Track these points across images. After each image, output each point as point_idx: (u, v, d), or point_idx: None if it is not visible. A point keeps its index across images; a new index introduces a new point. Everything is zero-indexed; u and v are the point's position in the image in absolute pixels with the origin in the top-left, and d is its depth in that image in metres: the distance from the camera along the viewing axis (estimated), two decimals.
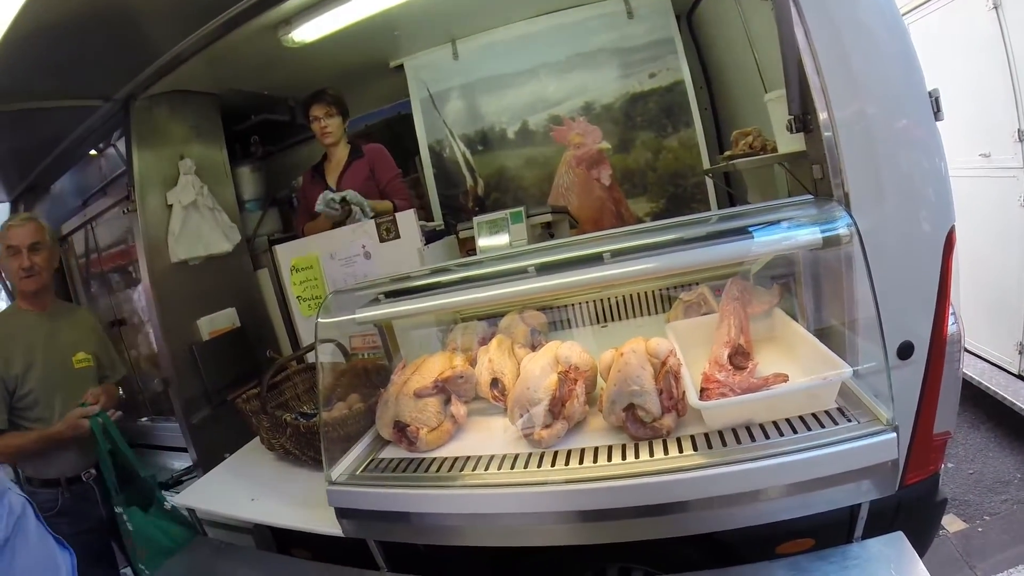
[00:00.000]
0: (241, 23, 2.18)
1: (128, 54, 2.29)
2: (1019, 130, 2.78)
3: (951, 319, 1.44)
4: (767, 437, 1.26)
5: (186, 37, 2.23)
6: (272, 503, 1.76)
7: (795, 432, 1.25)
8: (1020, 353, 2.98)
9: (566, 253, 1.53)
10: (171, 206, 2.68)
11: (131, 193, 2.61)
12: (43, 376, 2.18)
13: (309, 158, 3.05)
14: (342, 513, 1.50)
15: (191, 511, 1.96)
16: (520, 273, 1.51)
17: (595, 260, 1.44)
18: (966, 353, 3.21)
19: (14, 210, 3.55)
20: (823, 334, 1.49)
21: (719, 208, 2.82)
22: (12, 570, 0.88)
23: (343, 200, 2.39)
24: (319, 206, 2.43)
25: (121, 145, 2.80)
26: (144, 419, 3.41)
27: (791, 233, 1.39)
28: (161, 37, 2.25)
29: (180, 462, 2.93)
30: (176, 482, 2.65)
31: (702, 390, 1.34)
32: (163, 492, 2.63)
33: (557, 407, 1.41)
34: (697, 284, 1.87)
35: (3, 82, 2.09)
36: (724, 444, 1.28)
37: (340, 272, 2.33)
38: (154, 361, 3.16)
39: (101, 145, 3.10)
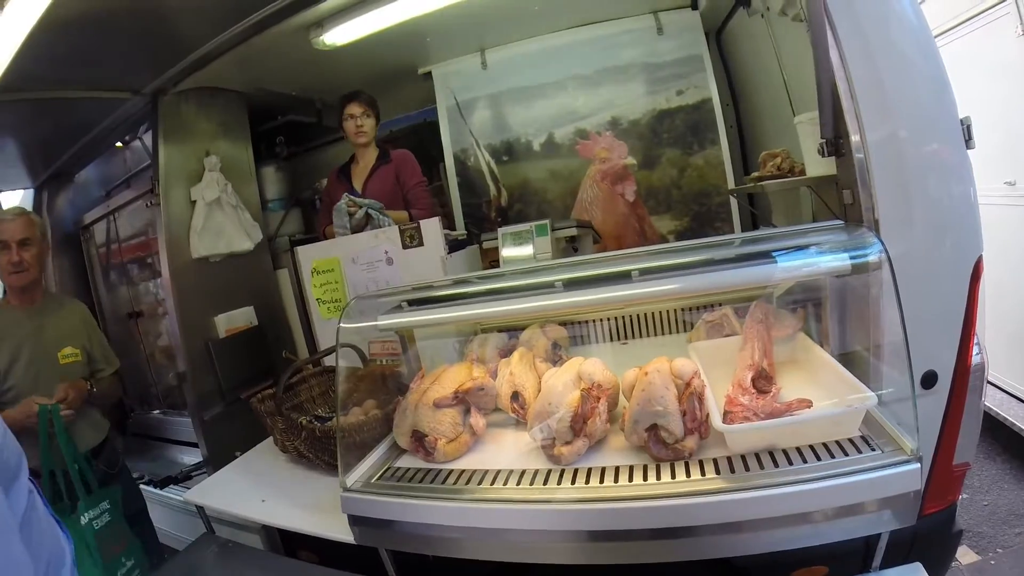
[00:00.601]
0: (274, 23, 2.21)
1: (159, 49, 2.31)
2: None
3: (975, 349, 1.42)
4: (790, 463, 1.24)
5: (218, 35, 2.26)
6: (283, 505, 1.76)
7: (818, 459, 1.23)
8: None
9: (591, 269, 1.53)
10: (194, 202, 2.71)
11: (155, 187, 2.63)
12: (27, 372, 2.15)
13: (334, 161, 3.08)
14: (355, 520, 1.49)
15: (200, 508, 1.96)
16: (545, 287, 1.50)
17: (622, 278, 1.43)
18: None
19: (38, 196, 3.60)
20: (847, 360, 1.47)
21: (742, 228, 2.82)
22: (31, 543, 0.88)
23: (365, 215, 2.39)
24: (335, 216, 2.45)
25: (147, 139, 2.85)
26: (156, 412, 3.45)
27: (822, 258, 1.37)
28: (193, 33, 2.27)
29: (190, 457, 2.96)
30: (185, 477, 2.67)
31: (725, 413, 1.33)
32: (172, 486, 2.66)
33: (579, 424, 1.40)
34: (720, 305, 1.86)
35: (34, 69, 2.10)
36: (747, 469, 1.26)
37: (361, 277, 2.33)
38: (169, 354, 3.19)
39: (127, 137, 3.16)
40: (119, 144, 3.25)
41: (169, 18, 2.09)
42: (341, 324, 1.67)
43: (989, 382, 3.20)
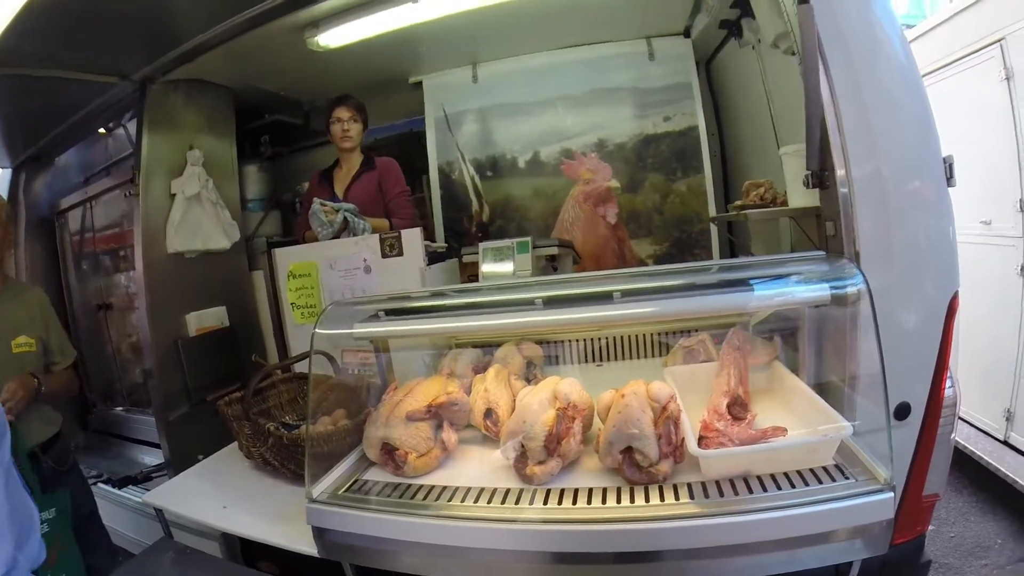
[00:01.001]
0: (269, 20, 2.19)
1: (151, 35, 2.28)
2: (1021, 200, 2.83)
3: (948, 383, 1.44)
4: (764, 490, 1.24)
5: (213, 26, 2.22)
6: (245, 513, 1.70)
7: (792, 486, 1.24)
8: (1007, 420, 2.99)
9: (570, 289, 1.52)
10: (174, 195, 2.65)
11: (135, 177, 2.56)
12: None
13: (317, 164, 3.04)
14: (320, 533, 1.45)
15: (159, 511, 1.89)
16: (523, 304, 1.49)
17: (600, 299, 1.43)
18: None
19: (15, 177, 3.50)
20: (821, 389, 1.48)
21: (721, 256, 2.85)
22: (12, 505, 0.88)
23: (343, 219, 2.37)
24: (312, 221, 2.41)
25: (132, 127, 2.77)
26: (119, 409, 3.35)
27: (803, 287, 1.39)
28: (187, 22, 2.23)
29: (151, 458, 2.87)
30: (145, 478, 2.58)
31: (700, 438, 1.32)
32: (131, 486, 2.58)
33: (553, 444, 1.38)
34: (697, 331, 1.86)
35: (22, 45, 2.05)
36: (721, 494, 1.26)
37: (338, 283, 2.30)
38: (137, 350, 3.11)
39: (111, 124, 3.09)
40: (102, 130, 3.18)
41: (165, 4, 2.07)
42: (316, 330, 1.64)
43: (959, 416, 3.28)
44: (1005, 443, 3.02)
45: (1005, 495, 2.93)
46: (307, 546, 1.47)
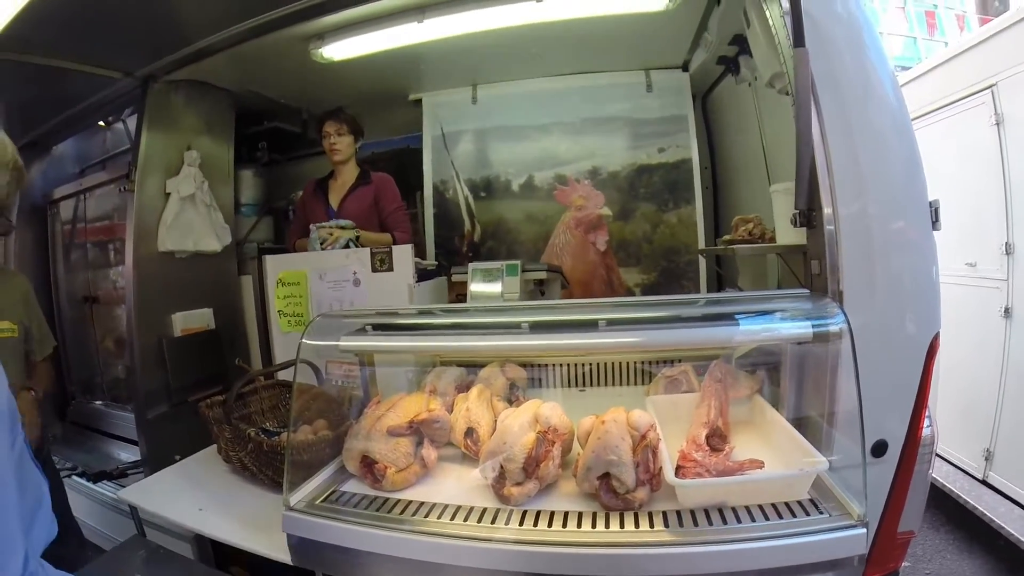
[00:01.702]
0: (275, 29, 2.21)
1: (158, 34, 2.28)
2: (1007, 243, 2.89)
3: (927, 422, 1.46)
4: (738, 521, 1.26)
5: (219, 31, 2.24)
6: (220, 517, 1.69)
7: (766, 519, 1.25)
8: (986, 459, 3.03)
9: (557, 315, 1.54)
10: (169, 194, 2.64)
11: (131, 172, 2.55)
12: None
13: (312, 173, 3.05)
14: (295, 541, 1.44)
15: (133, 508, 1.88)
16: (510, 327, 1.50)
17: (586, 326, 1.44)
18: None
19: None
20: (800, 424, 1.50)
21: (708, 288, 2.88)
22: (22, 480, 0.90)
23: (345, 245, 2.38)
24: (313, 235, 2.42)
25: (131, 123, 2.78)
26: (99, 402, 3.32)
27: (786, 324, 1.42)
28: (195, 25, 2.25)
29: (128, 454, 2.86)
30: (121, 474, 2.56)
31: (678, 467, 1.33)
32: (106, 481, 2.55)
33: (531, 466, 1.39)
34: (680, 361, 1.88)
35: (30, 34, 2.06)
36: (695, 524, 1.27)
37: (327, 294, 2.31)
38: (120, 345, 3.09)
39: (111, 118, 3.11)
40: (102, 123, 3.20)
41: (174, 5, 2.08)
42: (303, 340, 1.64)
43: (937, 454, 3.31)
44: (983, 482, 3.05)
45: (982, 533, 2.95)
46: (281, 552, 1.47)
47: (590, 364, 2.13)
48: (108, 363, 3.27)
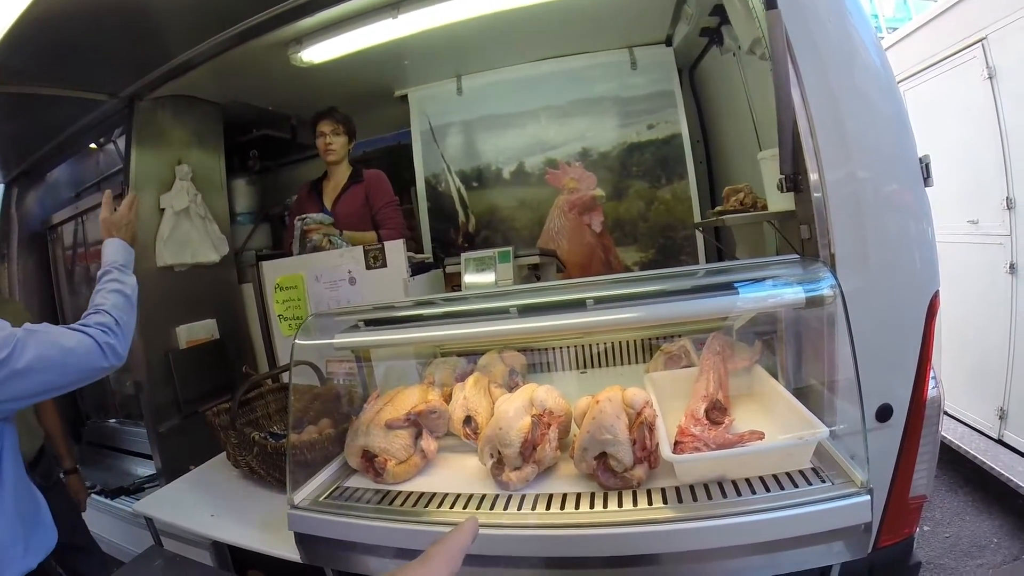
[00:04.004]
0: (253, 37, 2.22)
1: (139, 53, 2.30)
2: (1007, 198, 2.85)
3: (931, 383, 1.43)
4: (739, 494, 1.25)
5: (198, 44, 2.25)
6: (232, 521, 1.73)
7: (768, 490, 1.24)
8: (1000, 418, 3.00)
9: (550, 296, 1.53)
10: (163, 210, 2.67)
11: (125, 191, 2.57)
12: None
13: (305, 178, 3.07)
14: (301, 538, 1.46)
15: (148, 520, 1.91)
16: (503, 313, 1.50)
17: (579, 306, 1.43)
18: (946, 417, 3.24)
19: (7, 193, 3.53)
20: (802, 393, 1.48)
21: (707, 261, 2.86)
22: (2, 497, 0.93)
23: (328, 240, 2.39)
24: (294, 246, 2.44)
25: (121, 143, 2.82)
26: (112, 421, 3.37)
27: (776, 291, 1.39)
28: (174, 40, 2.26)
29: (144, 469, 2.91)
30: (137, 488, 2.61)
31: (676, 443, 1.32)
32: (124, 496, 2.59)
33: (528, 450, 1.39)
34: (679, 336, 1.87)
35: (13, 63, 2.09)
36: (695, 499, 1.26)
37: (324, 295, 2.32)
38: (127, 363, 3.11)
39: (101, 140, 3.14)
40: (92, 146, 3.23)
41: (151, 23, 2.09)
42: (296, 341, 1.66)
43: (950, 415, 3.29)
44: (999, 441, 3.02)
45: (1000, 494, 2.94)
46: (291, 552, 1.49)
47: (590, 345, 2.13)
48: (118, 381, 3.31)
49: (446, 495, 1.43)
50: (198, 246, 2.75)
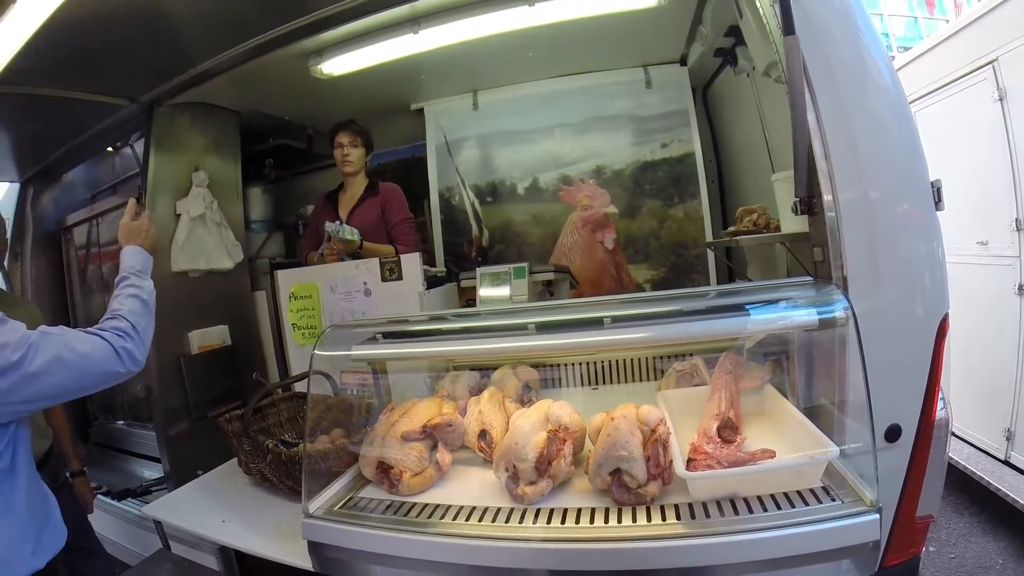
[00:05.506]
0: (274, 48, 2.25)
1: (160, 60, 2.34)
2: (1017, 219, 2.85)
3: (940, 404, 1.44)
4: (751, 511, 1.26)
5: (219, 53, 2.29)
6: (243, 527, 1.73)
7: (779, 508, 1.26)
8: (1007, 439, 2.99)
9: (565, 314, 1.55)
10: (179, 215, 2.70)
11: (141, 196, 2.61)
12: None
13: (320, 188, 3.10)
14: (315, 547, 1.47)
15: (158, 523, 1.92)
16: (518, 329, 1.52)
17: (594, 324, 1.45)
18: (953, 437, 3.22)
19: (23, 192, 3.56)
20: (812, 413, 1.50)
21: (718, 281, 2.87)
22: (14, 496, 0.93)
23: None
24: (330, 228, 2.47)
25: (139, 147, 2.85)
26: (120, 422, 3.37)
27: (789, 313, 1.41)
28: (195, 48, 2.30)
29: (151, 471, 2.90)
30: (145, 491, 2.61)
31: (689, 460, 1.34)
32: (131, 499, 2.60)
33: (543, 465, 1.41)
34: (691, 355, 1.88)
35: (35, 66, 2.11)
36: (707, 515, 1.27)
37: (339, 305, 2.34)
38: None
39: (119, 144, 3.17)
40: (110, 149, 3.26)
41: (173, 30, 2.12)
42: (315, 351, 1.67)
43: (958, 436, 3.28)
44: (1006, 463, 3.01)
45: (1006, 515, 2.92)
46: (303, 560, 1.49)
47: (602, 362, 2.14)
48: (128, 383, 3.31)
49: (460, 507, 1.44)
50: (213, 252, 2.78)
